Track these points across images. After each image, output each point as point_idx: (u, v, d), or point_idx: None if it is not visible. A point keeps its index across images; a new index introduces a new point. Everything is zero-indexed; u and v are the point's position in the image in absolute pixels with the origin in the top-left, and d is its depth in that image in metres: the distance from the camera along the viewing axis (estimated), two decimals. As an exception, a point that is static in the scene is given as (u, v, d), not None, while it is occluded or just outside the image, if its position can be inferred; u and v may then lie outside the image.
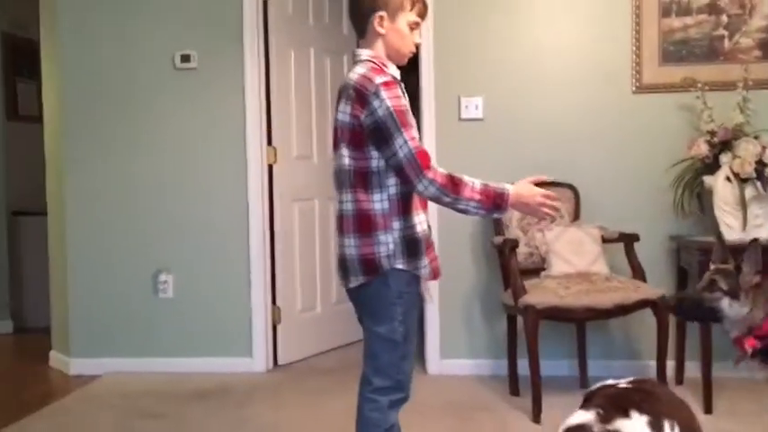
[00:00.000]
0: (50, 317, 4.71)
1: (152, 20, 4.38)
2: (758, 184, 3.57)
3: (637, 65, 4.06)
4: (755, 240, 2.37)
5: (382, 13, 2.26)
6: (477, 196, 2.20)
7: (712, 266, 2.46)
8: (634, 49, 4.06)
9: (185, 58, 4.34)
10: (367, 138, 2.19)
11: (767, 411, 3.43)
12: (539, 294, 3.55)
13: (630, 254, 3.85)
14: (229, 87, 4.35)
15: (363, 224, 2.23)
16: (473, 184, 2.21)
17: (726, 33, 4.00)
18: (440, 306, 4.23)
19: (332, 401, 3.78)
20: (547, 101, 4.18)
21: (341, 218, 2.29)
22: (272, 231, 4.45)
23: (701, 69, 3.97)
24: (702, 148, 3.71)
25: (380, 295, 2.26)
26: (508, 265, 3.71)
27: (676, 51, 4.04)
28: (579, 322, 3.91)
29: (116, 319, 4.43)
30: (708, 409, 3.48)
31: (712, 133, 3.71)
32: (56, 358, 4.61)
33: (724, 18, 4.00)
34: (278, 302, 4.47)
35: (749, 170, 3.54)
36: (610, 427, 1.55)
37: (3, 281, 5.67)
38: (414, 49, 2.36)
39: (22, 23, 5.80)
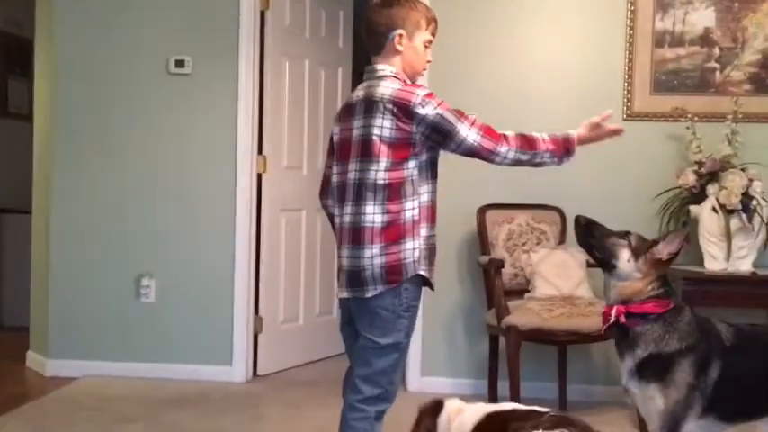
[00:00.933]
0: (29, 316, 4.66)
1: (148, 23, 4.38)
2: (743, 216, 3.60)
3: (628, 92, 4.10)
4: (685, 225, 2.37)
5: (402, 31, 2.36)
6: (551, 146, 2.34)
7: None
8: (626, 77, 4.10)
9: (179, 64, 4.33)
10: (420, 145, 2.29)
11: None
12: (522, 315, 3.56)
13: (614, 279, 3.86)
14: (222, 94, 4.34)
15: (393, 233, 2.29)
16: (542, 136, 2.35)
17: (717, 66, 4.05)
18: (422, 323, 4.22)
19: (310, 414, 3.75)
20: (538, 123, 4.11)
21: (359, 229, 2.31)
22: (258, 240, 4.43)
23: (692, 100, 4.01)
24: (690, 178, 3.74)
25: (391, 307, 2.32)
26: (493, 285, 3.72)
27: (668, 81, 4.08)
28: (561, 345, 3.92)
29: (96, 321, 4.39)
30: (685, 438, 3.49)
31: (700, 164, 3.75)
32: (32, 358, 4.56)
33: (716, 51, 4.05)
34: (260, 312, 4.45)
35: (735, 202, 3.58)
36: None
37: (-17, 278, 5.62)
38: (426, 67, 2.47)
39: (17, 21, 5.78)
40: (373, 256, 2.30)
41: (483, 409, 1.94)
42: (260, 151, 4.43)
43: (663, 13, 4.07)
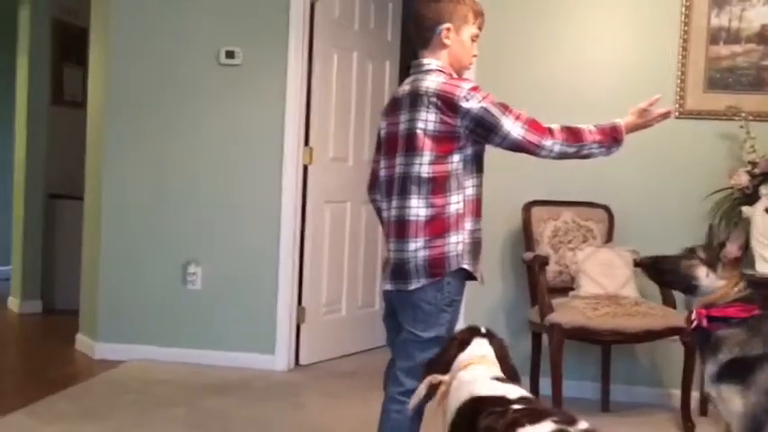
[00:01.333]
0: (79, 300, 4.78)
1: (200, 13, 4.44)
2: (797, 218, 3.51)
3: (681, 90, 4.01)
4: (736, 227, 2.39)
5: (449, 25, 2.37)
6: (598, 137, 2.35)
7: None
8: (679, 74, 4.01)
9: (230, 54, 4.38)
10: (464, 139, 2.29)
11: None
12: (566, 314, 3.52)
13: (662, 280, 3.79)
14: (271, 85, 4.38)
15: (437, 226, 2.31)
16: (588, 127, 2.35)
17: (774, 64, 3.95)
18: (464, 318, 4.19)
19: (350, 405, 3.77)
20: (588, 119, 4.07)
21: (404, 222, 2.34)
22: (302, 231, 4.47)
23: (747, 98, 3.91)
24: (743, 179, 3.66)
25: (433, 301, 2.33)
26: (537, 282, 3.69)
27: (722, 79, 3.99)
28: (605, 345, 3.87)
29: (143, 306, 4.48)
30: (730, 444, 3.42)
31: (754, 164, 3.66)
32: (82, 341, 4.67)
33: (773, 48, 3.94)
34: (303, 302, 4.48)
35: (789, 203, 3.49)
36: None
37: (36, 262, 5.77)
38: (473, 61, 2.48)
39: (73, 10, 5.90)
40: (417, 249, 2.32)
41: (474, 387, 1.95)
42: (306, 142, 4.46)
43: (719, 10, 3.97)
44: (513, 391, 1.90)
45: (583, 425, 1.65)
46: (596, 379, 3.97)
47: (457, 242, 2.33)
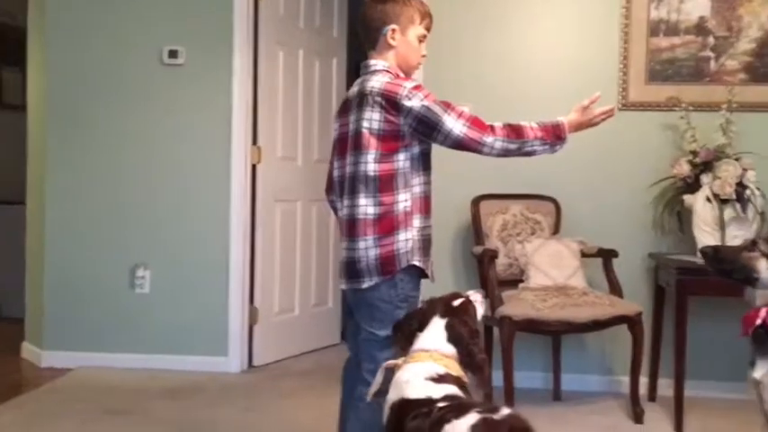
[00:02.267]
0: (24, 307, 4.66)
1: (141, 13, 4.36)
2: (737, 205, 3.59)
3: (623, 82, 4.08)
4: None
5: (394, 26, 2.40)
6: (540, 133, 2.37)
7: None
8: (621, 66, 4.08)
9: (173, 54, 4.32)
10: (408, 137, 2.32)
11: (737, 430, 3.45)
12: (516, 306, 3.56)
13: (609, 269, 3.86)
14: (216, 85, 4.33)
15: (385, 224, 2.33)
16: (530, 124, 2.37)
17: (712, 55, 4.03)
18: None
19: (306, 404, 3.76)
20: (533, 114, 4.12)
21: (354, 221, 2.35)
22: (252, 231, 4.43)
23: (687, 89, 3.99)
24: (684, 168, 3.73)
25: (387, 299, 2.34)
26: (486, 276, 3.72)
27: (663, 70, 4.06)
28: (555, 335, 3.92)
29: (91, 312, 4.39)
30: (679, 428, 3.49)
31: (695, 153, 3.74)
32: (28, 350, 4.56)
33: (711, 40, 4.03)
34: (255, 303, 4.45)
35: (729, 191, 3.57)
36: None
37: (-22, 269, 5.61)
38: (421, 61, 2.50)
39: (10, 12, 5.75)
40: (367, 247, 2.33)
41: (405, 389, 1.98)
42: (254, 142, 4.42)
43: (658, 2, 4.04)
44: (441, 391, 1.93)
45: (505, 411, 1.71)
46: (547, 369, 4.02)
47: (406, 239, 2.34)
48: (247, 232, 4.39)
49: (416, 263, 2.37)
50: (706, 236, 3.65)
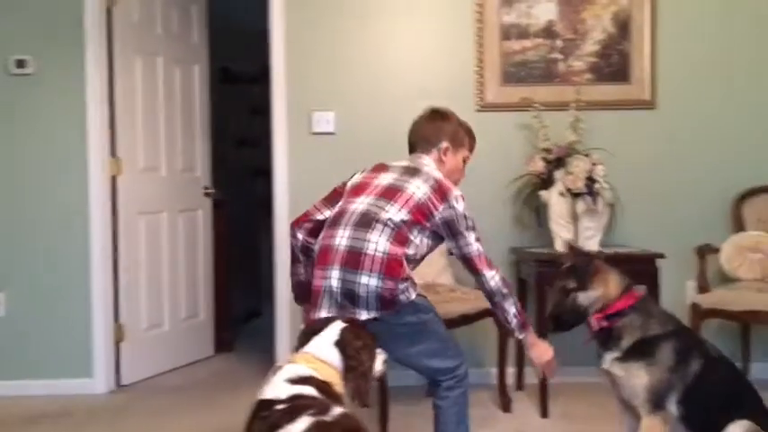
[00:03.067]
0: None
1: (-17, 21, 4.12)
2: (588, 198, 3.80)
3: (480, 84, 4.23)
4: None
5: (448, 144, 2.79)
6: (519, 306, 2.70)
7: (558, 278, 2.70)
8: (477, 69, 4.23)
9: (20, 63, 4.10)
10: (436, 226, 2.61)
11: (599, 414, 3.65)
12: (386, 306, 3.60)
13: (474, 265, 3.98)
14: (69, 95, 4.15)
15: (391, 267, 2.51)
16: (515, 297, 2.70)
17: (561, 57, 4.25)
18: (290, 314, 4.21)
19: (177, 420, 3.66)
20: (396, 116, 4.24)
21: (361, 255, 2.50)
22: (115, 245, 4.27)
23: (539, 90, 4.19)
24: (539, 165, 3.91)
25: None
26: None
27: (516, 72, 4.25)
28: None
29: (-60, 341, 4.10)
30: (544, 414, 3.66)
31: (548, 150, 3.93)
32: None
33: (559, 42, 4.24)
34: (121, 319, 4.29)
35: (580, 185, 3.77)
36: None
37: None
38: (460, 181, 2.86)
39: None
40: (372, 283, 2.52)
41: (265, 390, 2.04)
42: (113, 153, 4.27)
43: (509, 7, 4.22)
44: (288, 391, 1.97)
45: (336, 411, 1.77)
46: (421, 366, 4.10)
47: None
48: (109, 247, 4.23)
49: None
50: (561, 229, 3.84)
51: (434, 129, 2.80)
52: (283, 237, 4.24)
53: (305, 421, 1.72)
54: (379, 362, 2.33)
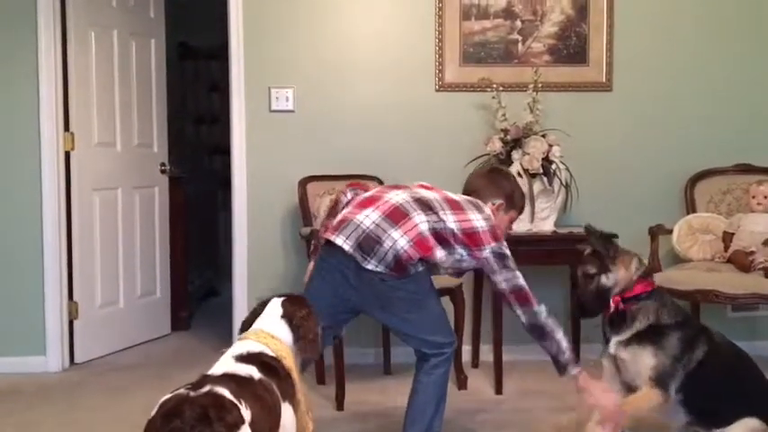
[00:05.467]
0: None
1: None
2: (545, 179, 3.84)
3: (439, 64, 4.24)
4: (588, 226, 2.75)
5: (502, 202, 2.86)
6: (566, 342, 2.64)
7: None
8: (437, 48, 4.23)
9: (-31, 35, 4.00)
10: (478, 255, 2.66)
11: (550, 390, 3.71)
12: (343, 284, 3.61)
13: (431, 244, 4.01)
14: (21, 68, 4.06)
15: (420, 243, 2.59)
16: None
17: (520, 38, 4.27)
18: (248, 292, 4.20)
19: (132, 399, 3.63)
20: (355, 94, 4.26)
21: (407, 217, 2.60)
22: (69, 222, 4.20)
23: (497, 71, 4.21)
24: (497, 145, 3.94)
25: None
26: (314, 256, 3.74)
27: (475, 53, 4.26)
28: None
29: None
30: (499, 390, 3.72)
31: (505, 131, 3.96)
32: None
33: (518, 23, 4.26)
34: (75, 297, 4.23)
35: (537, 166, 3.81)
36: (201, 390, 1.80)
37: None
38: (504, 233, 2.84)
39: None
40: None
41: (213, 366, 2.06)
42: (67, 128, 4.18)
43: (469, -13, 4.23)
44: (226, 368, 2.00)
45: (206, 389, 1.79)
46: (378, 344, 4.13)
47: None
48: (62, 224, 4.16)
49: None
50: (518, 209, 3.88)
51: (494, 184, 2.89)
52: (241, 215, 4.22)
53: (175, 393, 1.78)
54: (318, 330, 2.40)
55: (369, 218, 2.61)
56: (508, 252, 2.69)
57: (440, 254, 2.63)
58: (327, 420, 3.35)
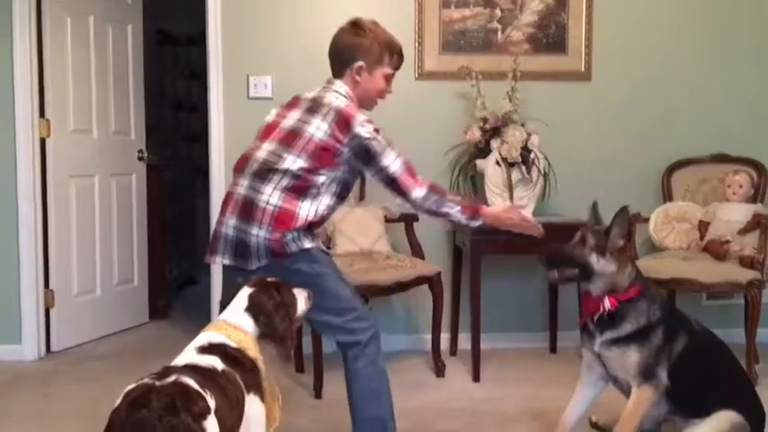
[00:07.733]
0: None
1: None
2: (523, 168, 3.85)
3: (419, 53, 4.23)
4: (625, 208, 2.62)
5: (362, 63, 2.59)
6: (458, 198, 2.55)
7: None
8: (417, 37, 4.22)
9: (-58, 21, 3.93)
10: (344, 161, 2.46)
11: (527, 378, 3.75)
12: (322, 273, 3.61)
13: (410, 233, 4.03)
14: (-5, 53, 4.01)
15: (280, 220, 2.42)
16: (451, 192, 2.58)
17: (499, 27, 4.27)
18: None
19: (108, 388, 3.57)
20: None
21: (253, 206, 2.43)
22: (45, 209, 4.16)
23: (477, 59, 4.20)
24: (476, 134, 3.94)
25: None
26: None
27: (455, 41, 4.25)
28: (362, 298, 4.01)
29: None
30: (476, 378, 3.74)
31: (485, 120, 3.96)
32: None
33: (498, 12, 4.26)
34: (51, 285, 4.19)
35: (515, 155, 3.82)
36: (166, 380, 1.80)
37: None
38: (383, 97, 2.68)
39: None
40: (260, 235, 2.44)
41: (178, 357, 2.07)
42: (42, 114, 4.14)
43: (449, -25, 4.22)
44: (188, 359, 2.01)
45: (171, 378, 1.79)
46: (356, 332, 4.12)
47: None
48: (38, 211, 4.12)
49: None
50: (496, 197, 3.89)
51: (348, 46, 2.59)
52: (219, 203, 4.18)
53: (140, 383, 1.78)
54: (302, 301, 2.33)
55: (229, 227, 2.51)
56: (367, 132, 2.46)
57: (313, 198, 2.45)
58: (305, 408, 3.36)
